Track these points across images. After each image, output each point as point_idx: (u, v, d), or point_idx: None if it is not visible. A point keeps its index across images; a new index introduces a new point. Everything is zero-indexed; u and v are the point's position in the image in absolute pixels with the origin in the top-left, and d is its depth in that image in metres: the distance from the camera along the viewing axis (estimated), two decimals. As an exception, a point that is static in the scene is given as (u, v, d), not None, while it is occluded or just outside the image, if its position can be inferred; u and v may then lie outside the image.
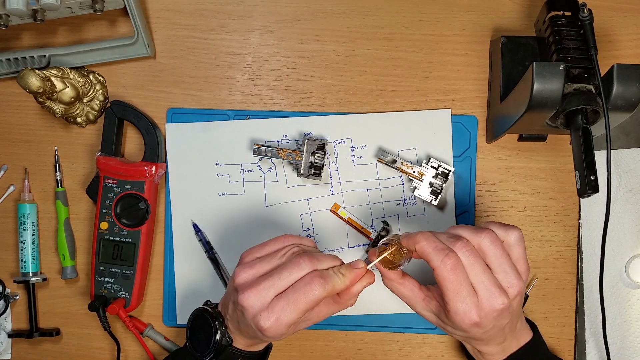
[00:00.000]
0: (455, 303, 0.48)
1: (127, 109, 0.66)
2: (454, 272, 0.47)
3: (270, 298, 0.48)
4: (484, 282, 0.48)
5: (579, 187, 0.52)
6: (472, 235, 0.50)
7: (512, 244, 0.51)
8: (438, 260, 0.47)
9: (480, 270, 0.48)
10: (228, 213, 0.66)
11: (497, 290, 0.48)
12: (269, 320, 0.47)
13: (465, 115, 0.67)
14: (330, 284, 0.48)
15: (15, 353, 0.68)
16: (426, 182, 0.64)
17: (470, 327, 0.49)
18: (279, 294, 0.48)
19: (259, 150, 0.64)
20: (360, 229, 0.66)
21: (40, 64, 0.65)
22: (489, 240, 0.49)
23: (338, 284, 0.49)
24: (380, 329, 0.67)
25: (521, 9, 0.67)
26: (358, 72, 0.67)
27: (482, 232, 0.49)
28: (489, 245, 0.49)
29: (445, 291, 0.48)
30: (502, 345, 0.53)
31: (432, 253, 0.48)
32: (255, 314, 0.48)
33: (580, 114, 0.53)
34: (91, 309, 0.64)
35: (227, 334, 0.54)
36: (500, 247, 0.50)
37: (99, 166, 0.65)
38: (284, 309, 0.48)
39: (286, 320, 0.48)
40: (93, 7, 0.61)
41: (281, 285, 0.48)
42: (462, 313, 0.48)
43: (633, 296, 0.66)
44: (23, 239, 0.67)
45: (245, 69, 0.67)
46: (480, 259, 0.49)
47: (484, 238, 0.49)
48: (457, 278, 0.47)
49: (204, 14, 0.68)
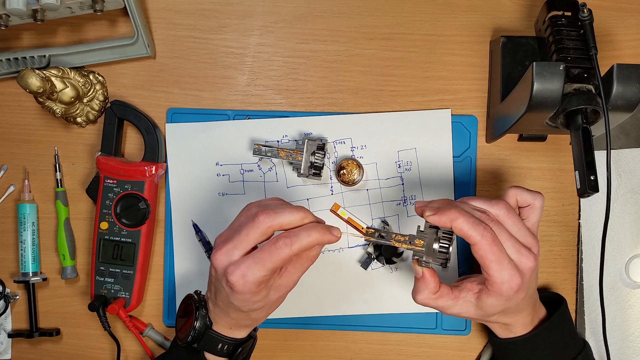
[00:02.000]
0: (500, 273, 0.50)
1: (127, 108, 0.66)
2: (495, 244, 0.50)
3: (238, 257, 0.50)
4: (515, 246, 0.52)
5: (579, 187, 0.52)
6: (490, 206, 0.53)
7: (535, 208, 0.55)
8: (478, 236, 0.49)
9: (507, 237, 0.52)
10: (228, 213, 0.66)
11: (525, 250, 0.52)
12: (235, 275, 0.49)
13: (465, 115, 0.67)
14: (297, 244, 0.50)
15: (15, 353, 0.68)
16: (429, 250, 0.53)
17: (516, 293, 0.51)
18: (246, 253, 0.50)
19: (259, 150, 0.64)
20: (360, 229, 0.66)
21: (40, 64, 0.65)
22: (505, 210, 0.53)
23: (305, 243, 0.50)
24: (380, 329, 0.67)
25: (521, 9, 0.67)
26: (358, 72, 0.67)
27: (498, 204, 0.53)
28: (506, 214, 0.53)
29: (489, 264, 0.50)
30: (532, 312, 0.56)
31: (471, 229, 0.49)
32: (224, 269, 0.50)
33: (580, 114, 0.53)
34: (91, 308, 0.64)
35: (207, 317, 0.55)
36: (515, 215, 0.53)
37: (99, 166, 0.65)
38: (250, 266, 0.49)
39: (252, 277, 0.49)
40: (93, 7, 0.61)
41: (242, 244, 0.50)
42: (509, 279, 0.51)
43: (633, 296, 0.66)
44: (23, 239, 0.67)
45: (245, 69, 0.68)
46: (503, 227, 0.52)
47: (501, 209, 0.53)
48: (498, 249, 0.50)
49: (204, 14, 0.68)
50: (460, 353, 0.67)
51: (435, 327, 0.66)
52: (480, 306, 0.54)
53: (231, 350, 0.56)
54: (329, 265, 0.66)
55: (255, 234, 0.50)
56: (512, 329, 0.57)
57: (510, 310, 0.54)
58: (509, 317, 0.56)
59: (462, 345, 0.67)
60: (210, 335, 0.55)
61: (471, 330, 0.66)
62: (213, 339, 0.55)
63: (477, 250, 0.50)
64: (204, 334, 0.55)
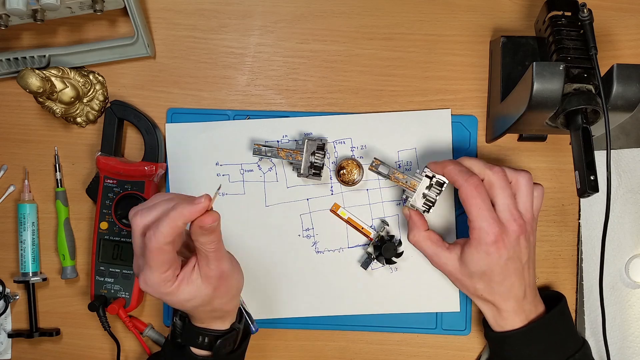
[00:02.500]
0: (478, 218, 0.54)
1: (127, 108, 0.66)
2: (478, 190, 0.54)
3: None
4: (507, 205, 0.55)
5: (579, 187, 0.52)
6: (483, 168, 0.56)
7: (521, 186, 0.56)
8: (463, 180, 0.55)
9: (506, 195, 0.55)
10: (228, 213, 0.66)
11: (516, 214, 0.55)
12: (142, 284, 0.50)
13: (465, 115, 0.67)
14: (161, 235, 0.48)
15: (15, 353, 0.68)
16: (419, 193, 0.60)
17: (496, 246, 0.54)
18: None
19: (259, 150, 0.64)
20: (360, 229, 0.66)
21: (40, 64, 0.65)
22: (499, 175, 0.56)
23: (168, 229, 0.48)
24: (380, 329, 0.67)
25: (521, 9, 0.67)
26: (358, 72, 0.67)
27: (493, 168, 0.56)
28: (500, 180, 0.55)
29: (470, 207, 0.54)
30: (521, 304, 0.57)
31: (458, 175, 0.56)
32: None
33: (580, 114, 0.53)
34: (91, 308, 0.64)
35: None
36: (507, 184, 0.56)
37: (99, 166, 0.65)
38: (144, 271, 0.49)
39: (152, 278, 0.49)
40: (93, 7, 0.61)
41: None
42: (487, 227, 0.54)
43: (633, 296, 0.66)
44: (23, 239, 0.67)
45: (245, 69, 0.68)
46: (509, 185, 0.56)
47: (495, 172, 0.56)
48: (479, 194, 0.54)
49: (204, 14, 0.68)
50: (460, 353, 0.67)
51: (435, 327, 0.66)
52: (463, 259, 0.56)
53: (212, 343, 0.57)
54: (329, 265, 0.66)
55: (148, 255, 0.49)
56: (503, 316, 0.57)
57: (494, 278, 0.55)
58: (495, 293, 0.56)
59: (462, 345, 0.67)
60: (189, 329, 0.57)
61: (471, 330, 0.66)
62: (192, 333, 0.57)
63: (461, 194, 0.55)
64: (184, 329, 0.57)
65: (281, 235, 0.66)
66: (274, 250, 0.66)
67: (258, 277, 0.66)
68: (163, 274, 0.50)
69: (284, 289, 0.66)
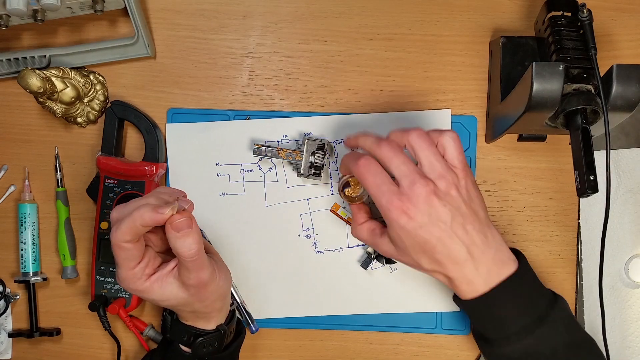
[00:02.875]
0: (378, 197, 0.51)
1: (127, 109, 0.66)
2: (365, 167, 0.52)
3: None
4: (403, 171, 0.51)
5: (579, 187, 0.52)
6: (400, 133, 0.54)
7: (444, 145, 0.53)
8: (352, 165, 0.53)
9: (399, 163, 0.51)
10: (228, 213, 0.66)
11: (417, 176, 0.51)
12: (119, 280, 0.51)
13: (464, 115, 0.67)
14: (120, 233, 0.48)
15: (15, 353, 0.68)
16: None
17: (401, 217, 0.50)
18: None
19: (259, 150, 0.64)
20: None
21: (41, 64, 0.65)
22: (416, 135, 0.53)
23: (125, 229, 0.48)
24: (380, 328, 0.67)
25: (521, 9, 0.67)
26: (358, 72, 0.67)
27: (409, 130, 0.53)
28: (416, 139, 0.52)
29: (368, 189, 0.52)
30: (470, 268, 0.52)
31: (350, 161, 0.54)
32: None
33: (580, 114, 0.53)
34: (92, 308, 0.64)
35: None
36: (428, 141, 0.52)
37: (100, 166, 0.65)
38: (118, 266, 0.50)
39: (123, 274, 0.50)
40: (93, 7, 0.61)
41: None
42: (387, 202, 0.51)
43: (632, 296, 0.66)
44: (23, 238, 0.67)
45: (245, 69, 0.68)
46: (399, 153, 0.52)
47: (411, 134, 0.53)
48: (368, 171, 0.52)
49: (204, 14, 0.68)
50: (460, 353, 0.67)
51: (435, 327, 0.67)
52: (393, 241, 0.54)
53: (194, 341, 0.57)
54: (329, 265, 0.66)
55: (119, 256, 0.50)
56: (456, 285, 0.53)
57: (427, 247, 0.51)
58: (438, 262, 0.52)
59: (462, 345, 0.67)
60: (175, 325, 0.57)
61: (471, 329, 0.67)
62: (178, 330, 0.57)
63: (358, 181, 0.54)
64: (171, 324, 0.57)
65: (281, 235, 0.66)
66: (274, 250, 0.66)
67: (258, 277, 0.66)
68: (130, 271, 0.50)
69: (284, 289, 0.66)
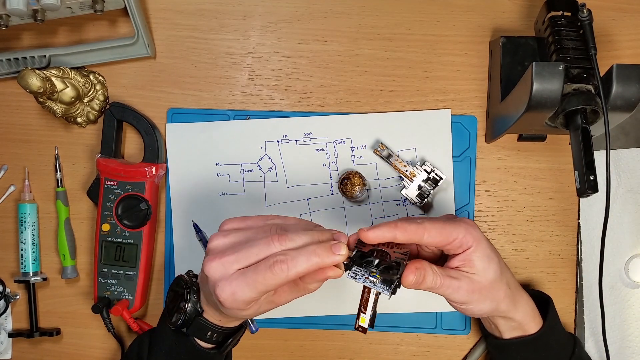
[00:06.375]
0: (456, 229, 0.49)
1: (126, 110, 0.66)
2: (431, 220, 0.50)
3: (233, 271, 0.47)
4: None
5: (579, 187, 0.52)
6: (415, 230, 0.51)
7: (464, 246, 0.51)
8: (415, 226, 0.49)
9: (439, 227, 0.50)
10: (228, 213, 0.66)
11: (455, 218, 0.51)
12: (225, 292, 0.46)
13: (464, 115, 0.67)
14: (294, 269, 0.45)
15: (15, 353, 0.68)
16: (416, 184, 0.64)
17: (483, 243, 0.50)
18: (242, 268, 0.47)
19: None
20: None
21: (41, 64, 0.65)
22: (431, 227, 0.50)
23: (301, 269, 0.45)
24: (380, 328, 0.67)
25: (521, 9, 0.67)
26: (358, 72, 0.67)
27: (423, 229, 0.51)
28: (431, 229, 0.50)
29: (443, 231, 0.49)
30: (515, 311, 0.54)
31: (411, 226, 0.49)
32: (215, 282, 0.47)
33: (580, 114, 0.53)
34: (95, 310, 0.64)
35: (198, 303, 0.53)
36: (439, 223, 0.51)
37: (99, 168, 0.65)
38: (241, 286, 0.46)
39: (242, 297, 0.46)
40: (93, 7, 0.61)
41: (246, 261, 0.47)
42: (465, 228, 0.50)
43: (632, 296, 0.66)
44: (23, 238, 0.67)
45: (245, 69, 0.68)
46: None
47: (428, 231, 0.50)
48: (437, 220, 0.50)
49: (204, 14, 0.68)
50: (460, 352, 0.67)
51: (435, 327, 0.67)
52: (473, 272, 0.50)
53: (221, 340, 0.55)
54: (329, 265, 0.66)
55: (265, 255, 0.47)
56: (499, 326, 0.56)
57: (506, 279, 0.52)
58: (511, 302, 0.53)
59: (462, 345, 0.67)
60: (200, 322, 0.53)
61: (471, 329, 0.67)
62: (203, 327, 0.54)
63: (425, 236, 0.48)
64: (194, 320, 0.53)
65: (281, 235, 0.66)
66: (274, 250, 0.66)
67: (258, 277, 0.66)
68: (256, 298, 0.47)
69: (284, 289, 0.66)
